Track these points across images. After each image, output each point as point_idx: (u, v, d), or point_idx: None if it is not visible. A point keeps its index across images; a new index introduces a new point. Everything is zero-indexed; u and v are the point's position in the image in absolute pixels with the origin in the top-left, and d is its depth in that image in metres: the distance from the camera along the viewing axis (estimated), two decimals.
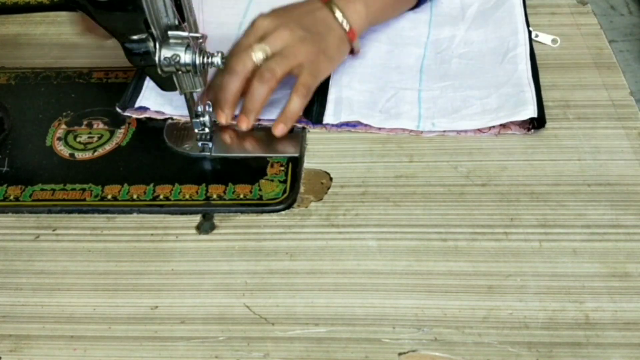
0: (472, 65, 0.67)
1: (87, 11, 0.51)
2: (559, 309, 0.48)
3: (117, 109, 0.64)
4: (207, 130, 0.60)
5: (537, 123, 0.60)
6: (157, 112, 0.64)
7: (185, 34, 0.52)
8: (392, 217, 0.55)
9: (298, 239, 0.54)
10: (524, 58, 0.66)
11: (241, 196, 0.57)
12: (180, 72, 0.53)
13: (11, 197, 0.57)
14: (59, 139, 0.62)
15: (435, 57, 0.69)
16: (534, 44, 0.69)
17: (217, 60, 0.53)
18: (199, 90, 0.56)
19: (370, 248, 0.53)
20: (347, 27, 0.63)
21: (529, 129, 0.61)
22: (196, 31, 0.54)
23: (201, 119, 0.59)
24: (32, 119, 0.64)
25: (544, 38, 0.71)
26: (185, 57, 0.52)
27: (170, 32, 0.52)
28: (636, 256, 0.51)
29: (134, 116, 0.63)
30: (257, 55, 0.58)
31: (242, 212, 0.56)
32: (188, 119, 0.62)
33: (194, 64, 0.52)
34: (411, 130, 0.61)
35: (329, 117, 0.62)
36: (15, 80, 0.69)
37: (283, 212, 0.56)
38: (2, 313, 0.50)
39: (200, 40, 0.53)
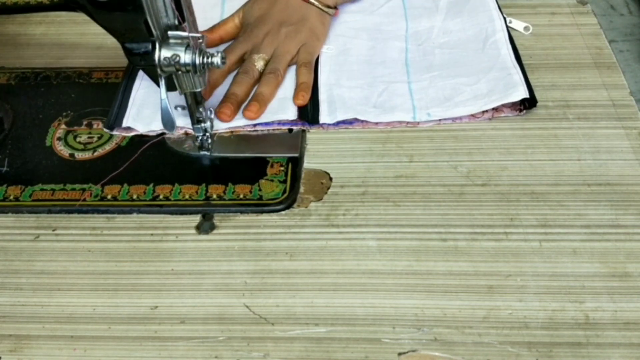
0: (455, 54, 0.69)
1: (87, 11, 0.51)
2: (558, 308, 0.48)
3: (104, 129, 0.62)
4: (208, 134, 0.60)
5: (528, 103, 0.62)
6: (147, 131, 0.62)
7: (185, 34, 0.52)
8: (392, 217, 0.55)
9: (298, 239, 0.54)
10: (505, 43, 0.68)
11: (241, 196, 0.57)
12: (180, 72, 0.53)
13: (11, 197, 0.57)
14: (59, 139, 0.62)
15: (418, 49, 0.70)
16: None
17: (217, 60, 0.53)
18: (199, 90, 0.56)
19: (370, 248, 0.53)
20: (317, 3, 0.70)
21: (520, 110, 0.62)
22: (196, 31, 0.54)
23: (202, 125, 0.59)
24: (32, 119, 0.64)
25: (517, 25, 0.72)
26: (185, 57, 0.52)
27: (170, 32, 0.52)
28: (636, 256, 0.51)
29: (123, 134, 0.62)
30: (259, 64, 0.66)
31: (242, 212, 0.56)
32: (181, 132, 0.62)
33: (193, 64, 0.52)
34: (408, 122, 0.62)
35: (324, 117, 0.63)
36: (15, 81, 0.69)
37: (283, 212, 0.56)
38: (2, 313, 0.50)
39: (200, 40, 0.53)
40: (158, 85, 0.54)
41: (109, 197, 0.57)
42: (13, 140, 0.62)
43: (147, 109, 0.64)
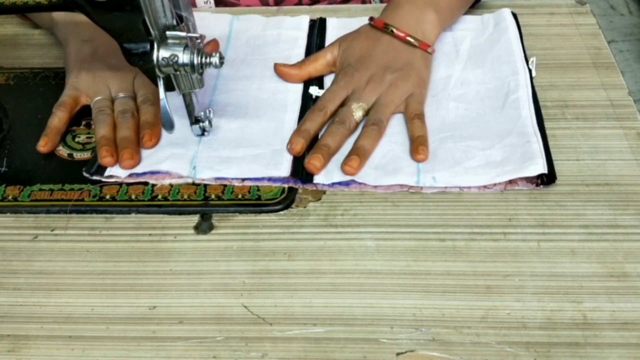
0: (472, 111, 0.62)
1: (85, 11, 0.51)
2: (557, 309, 0.48)
3: (85, 174, 0.58)
4: (206, 135, 0.60)
5: (546, 178, 0.56)
6: (130, 175, 0.58)
7: (183, 34, 0.52)
8: (390, 217, 0.55)
9: (296, 239, 0.54)
10: (527, 102, 0.61)
11: (239, 196, 0.57)
12: (178, 73, 0.53)
13: (10, 198, 0.57)
14: None
15: (432, 101, 0.63)
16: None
17: (215, 60, 0.53)
18: (197, 90, 0.56)
19: (369, 248, 0.53)
20: (417, 44, 0.64)
21: (537, 184, 0.56)
22: (194, 31, 0.54)
23: (201, 124, 0.59)
24: (30, 119, 0.64)
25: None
26: (184, 57, 0.52)
27: (168, 32, 0.52)
28: (634, 256, 0.51)
29: (104, 180, 0.58)
30: (358, 114, 0.60)
31: (240, 212, 0.56)
32: (167, 182, 0.57)
33: (192, 64, 0.52)
34: (410, 187, 0.56)
35: (319, 177, 0.57)
36: (14, 81, 0.69)
37: (281, 212, 0.56)
38: (0, 313, 0.50)
39: (199, 40, 0.53)
40: (156, 85, 0.54)
41: (108, 197, 0.57)
42: (12, 140, 0.62)
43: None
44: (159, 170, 0.57)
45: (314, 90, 0.65)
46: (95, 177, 0.58)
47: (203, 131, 0.60)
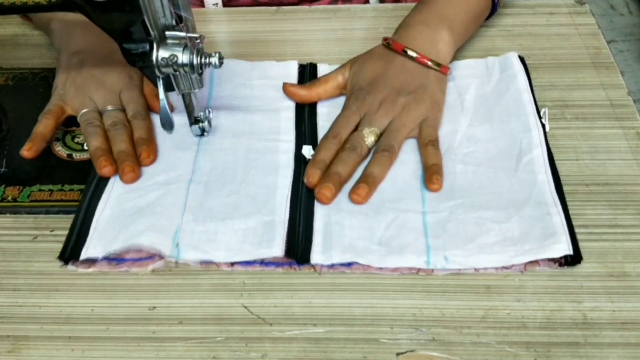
0: (482, 174, 0.56)
1: (84, 12, 0.51)
2: (556, 308, 0.48)
3: (59, 260, 0.52)
4: (206, 135, 0.60)
5: (571, 259, 0.50)
6: (108, 261, 0.52)
7: (182, 34, 0.52)
8: None
9: None
10: (543, 164, 0.56)
11: None
12: (178, 73, 0.53)
13: (9, 198, 0.57)
14: (57, 139, 0.62)
15: None
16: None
17: (214, 60, 0.53)
18: (197, 90, 0.56)
19: None
20: (437, 67, 0.62)
21: (561, 264, 0.50)
22: (193, 32, 0.54)
23: (200, 124, 0.59)
24: (30, 120, 0.64)
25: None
26: (183, 58, 0.52)
27: (167, 33, 0.52)
28: (634, 256, 0.51)
29: (80, 269, 0.52)
30: (370, 139, 0.58)
31: None
32: (149, 269, 0.51)
33: (191, 64, 0.52)
34: (420, 269, 0.51)
35: (317, 255, 0.51)
36: (14, 81, 0.69)
37: None
38: (0, 314, 0.49)
39: (198, 41, 0.53)
40: (156, 85, 0.54)
41: None
42: (11, 140, 0.62)
43: (111, 231, 0.53)
44: (140, 245, 0.51)
45: (306, 152, 0.59)
46: (70, 266, 0.52)
47: (202, 131, 0.60)
